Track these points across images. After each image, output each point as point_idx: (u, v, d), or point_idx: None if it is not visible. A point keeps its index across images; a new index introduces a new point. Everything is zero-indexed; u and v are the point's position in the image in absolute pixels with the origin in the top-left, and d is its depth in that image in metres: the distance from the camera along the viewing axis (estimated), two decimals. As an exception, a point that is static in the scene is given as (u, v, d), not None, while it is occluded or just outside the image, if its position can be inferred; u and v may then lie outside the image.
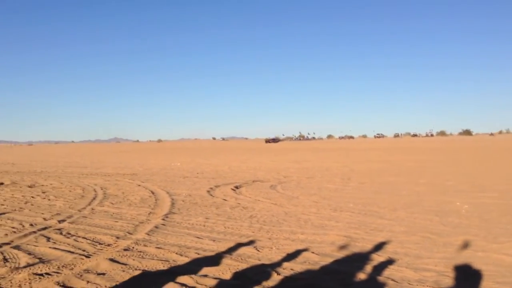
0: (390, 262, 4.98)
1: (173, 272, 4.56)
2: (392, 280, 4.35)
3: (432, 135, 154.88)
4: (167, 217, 7.84)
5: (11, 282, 4.23)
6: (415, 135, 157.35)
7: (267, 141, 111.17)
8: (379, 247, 5.66)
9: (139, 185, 13.12)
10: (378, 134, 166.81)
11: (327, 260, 5.07)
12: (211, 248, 5.64)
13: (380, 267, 4.78)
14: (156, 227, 6.94)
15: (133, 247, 5.65)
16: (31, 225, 7.05)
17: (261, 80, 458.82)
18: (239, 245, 5.75)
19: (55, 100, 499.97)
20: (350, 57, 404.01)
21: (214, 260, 5.08)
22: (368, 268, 4.78)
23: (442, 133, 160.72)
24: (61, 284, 4.19)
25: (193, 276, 4.43)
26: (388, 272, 4.62)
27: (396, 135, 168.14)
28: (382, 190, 11.71)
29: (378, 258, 5.15)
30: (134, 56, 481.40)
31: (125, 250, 5.51)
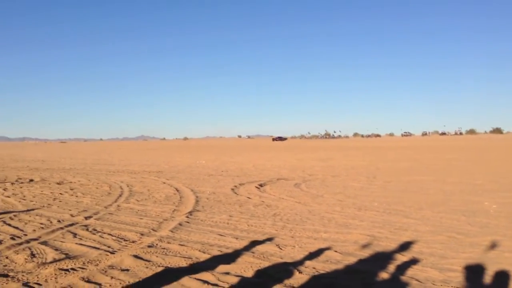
0: (414, 262, 4.90)
1: (195, 269, 4.59)
2: (416, 280, 4.27)
3: (461, 134, 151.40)
4: (191, 214, 7.91)
5: (37, 277, 4.34)
6: (443, 134, 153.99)
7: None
8: (403, 246, 5.57)
9: (164, 183, 13.29)
10: (406, 132, 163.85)
11: (350, 259, 5.02)
12: (233, 245, 5.66)
13: (404, 267, 4.70)
14: (180, 224, 7.01)
15: (157, 244, 5.72)
16: (59, 221, 7.22)
17: (287, 78, 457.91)
18: (261, 243, 5.76)
19: (86, 99, 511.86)
20: (376, 55, 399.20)
21: (236, 257, 5.09)
22: (391, 267, 4.70)
23: (471, 132, 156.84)
24: (86, 279, 4.27)
25: (215, 273, 4.45)
26: (411, 272, 4.54)
27: (424, 134, 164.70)
28: (408, 188, 11.53)
29: (402, 257, 5.07)
30: (159, 55, 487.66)
31: (149, 246, 5.58)
